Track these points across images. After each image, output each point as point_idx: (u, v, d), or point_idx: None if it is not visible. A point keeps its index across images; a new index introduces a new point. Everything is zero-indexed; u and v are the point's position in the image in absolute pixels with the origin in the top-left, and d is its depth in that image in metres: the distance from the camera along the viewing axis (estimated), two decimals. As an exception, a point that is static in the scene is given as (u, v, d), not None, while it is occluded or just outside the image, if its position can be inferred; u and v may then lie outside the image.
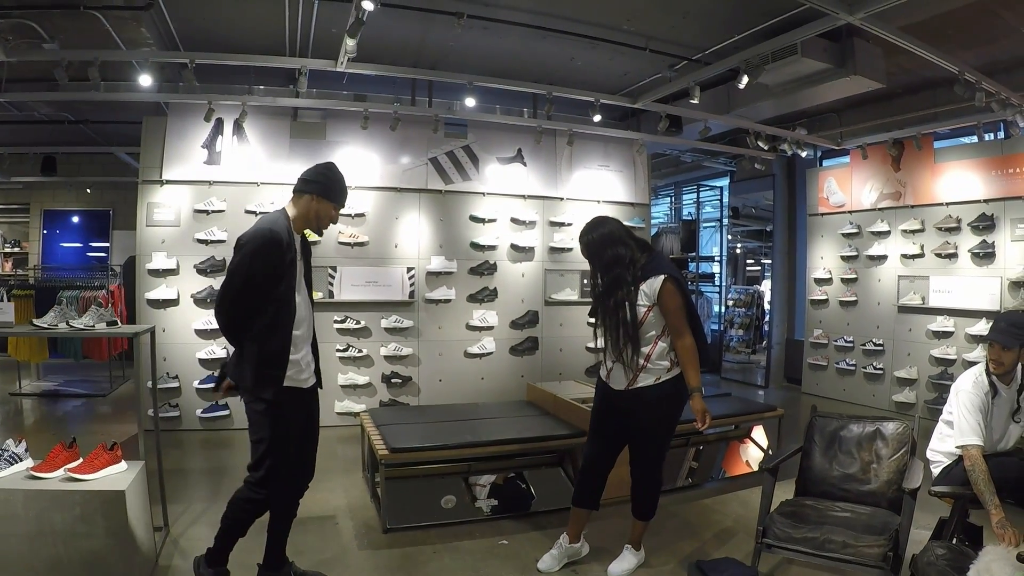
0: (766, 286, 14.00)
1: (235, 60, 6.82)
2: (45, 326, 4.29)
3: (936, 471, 4.29)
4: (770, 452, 6.64)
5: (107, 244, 13.11)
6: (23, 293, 9.33)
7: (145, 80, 6.63)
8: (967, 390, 4.15)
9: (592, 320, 4.39)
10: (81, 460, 3.87)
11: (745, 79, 6.70)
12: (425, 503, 5.18)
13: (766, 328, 13.30)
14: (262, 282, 3.43)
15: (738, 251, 15.24)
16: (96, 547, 3.63)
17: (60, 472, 3.77)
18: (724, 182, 13.48)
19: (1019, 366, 4.23)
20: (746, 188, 12.85)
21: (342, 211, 7.81)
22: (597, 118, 8.05)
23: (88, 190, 12.91)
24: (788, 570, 4.41)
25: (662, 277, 4.02)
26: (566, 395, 6.20)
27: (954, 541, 3.77)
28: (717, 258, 13.61)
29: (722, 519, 5.38)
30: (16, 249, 13.25)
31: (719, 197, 13.58)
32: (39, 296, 9.22)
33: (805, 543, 3.81)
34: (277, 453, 3.57)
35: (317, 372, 3.86)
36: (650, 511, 4.35)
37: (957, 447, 4.05)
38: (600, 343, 4.29)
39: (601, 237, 4.15)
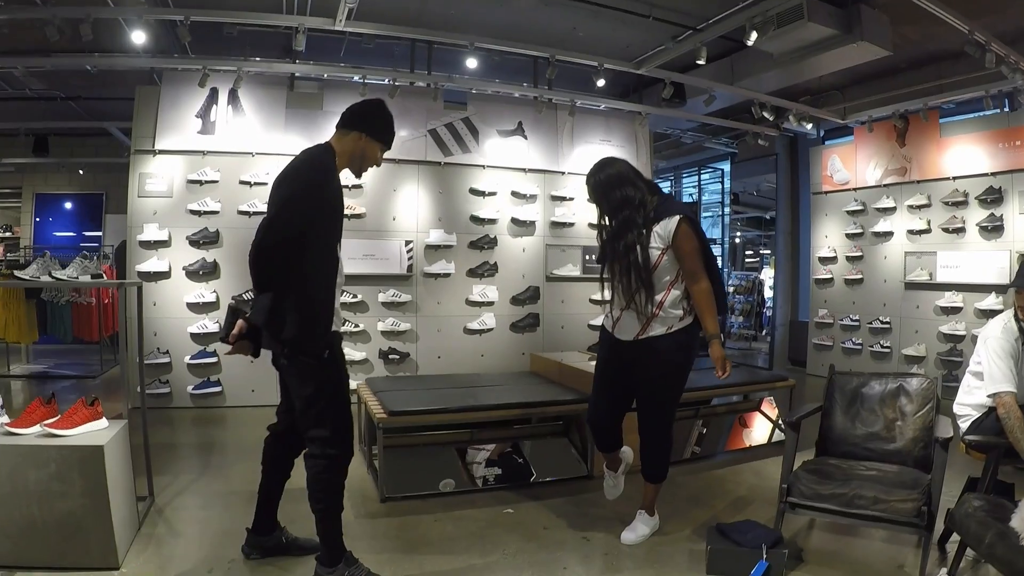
0: (766, 274, 13.92)
1: (230, 17, 6.61)
2: (27, 277, 4.08)
3: (964, 426, 4.10)
4: (781, 424, 6.48)
5: (100, 233, 12.82)
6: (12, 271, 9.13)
7: (138, 37, 6.45)
8: (996, 336, 3.97)
9: (600, 266, 4.15)
10: (59, 417, 3.58)
11: (754, 35, 6.55)
12: (424, 474, 4.94)
13: (767, 314, 13.21)
14: (312, 220, 3.12)
15: (737, 240, 15.11)
16: (73, 508, 3.35)
17: (36, 428, 3.46)
18: (725, 165, 13.32)
19: None
20: (748, 170, 12.71)
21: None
22: (601, 82, 7.89)
23: (81, 171, 12.63)
24: (809, 537, 4.25)
25: (677, 218, 3.78)
26: (572, 362, 6.00)
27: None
28: (718, 241, 13.45)
29: (736, 488, 5.21)
30: (8, 234, 13.00)
31: (720, 180, 13.42)
32: (29, 275, 9.00)
33: (833, 499, 3.63)
34: (338, 403, 3.29)
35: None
36: (660, 472, 4.12)
37: (989, 395, 3.87)
38: (607, 293, 4.07)
39: (609, 177, 3.89)
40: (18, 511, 3.32)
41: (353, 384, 7.38)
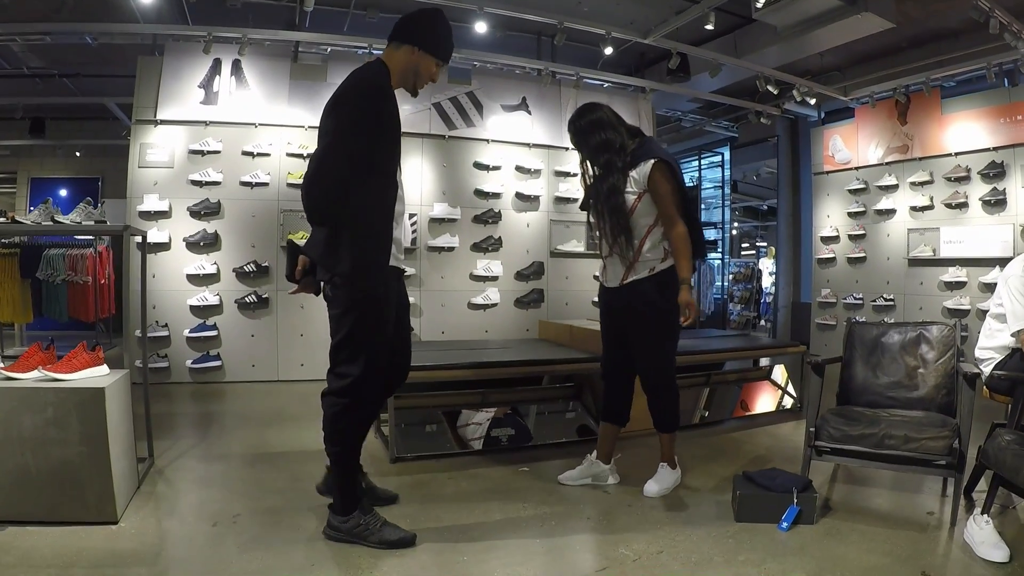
0: (763, 264, 13.90)
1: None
2: (28, 223, 3.97)
3: (987, 369, 4.07)
4: (793, 393, 6.44)
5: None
6: (7, 251, 8.96)
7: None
8: (1018, 275, 3.96)
9: (585, 213, 4.18)
10: (59, 361, 3.42)
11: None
12: (434, 435, 4.88)
13: (766, 301, 13.19)
14: (365, 149, 2.94)
15: (734, 232, 15.08)
16: (69, 456, 3.17)
17: (35, 373, 3.29)
18: (725, 151, 13.29)
19: None
20: (747, 156, 12.70)
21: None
22: (608, 50, 7.85)
23: (78, 153, 12.47)
24: (833, 488, 4.20)
25: (652, 161, 3.77)
26: (581, 324, 5.94)
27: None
28: (719, 225, 13.39)
29: (754, 448, 5.16)
30: (2, 219, 12.75)
31: (720, 165, 13.38)
32: (25, 254, 8.84)
33: (863, 440, 3.58)
34: (377, 344, 3.09)
35: None
36: (669, 420, 4.05)
37: (1013, 333, 3.88)
38: (596, 237, 4.07)
39: (589, 123, 3.87)
40: (11, 460, 3.15)
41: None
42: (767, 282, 13.86)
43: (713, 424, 5.88)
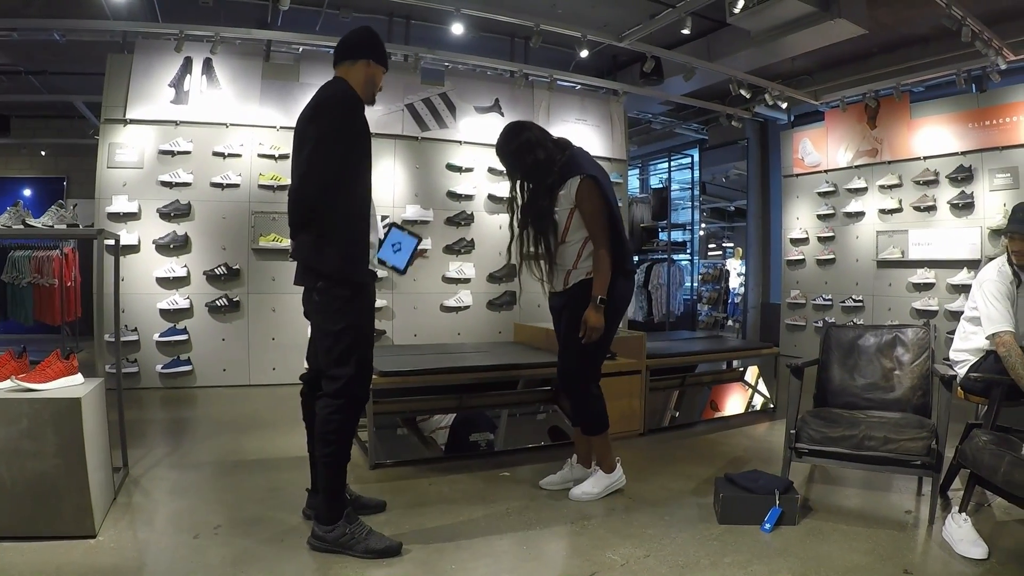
0: (731, 264, 14.00)
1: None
2: (-1, 226, 3.87)
3: (962, 371, 4.13)
4: (767, 395, 6.50)
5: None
6: (-32, 252, 8.76)
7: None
8: (992, 279, 4.03)
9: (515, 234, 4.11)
10: (32, 370, 3.32)
11: (741, 3, 6.55)
12: (412, 441, 4.84)
13: (734, 302, 13.29)
14: (346, 158, 3.07)
15: (702, 233, 15.17)
16: (45, 469, 3.06)
17: (7, 383, 3.21)
18: (695, 152, 13.36)
19: None
20: (717, 158, 12.80)
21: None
22: (584, 53, 7.83)
23: (43, 152, 12.21)
24: (811, 488, 4.24)
25: (578, 178, 3.77)
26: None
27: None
28: (688, 226, 13.47)
29: (731, 450, 5.20)
30: (-31, 224, 12.45)
31: (690, 167, 13.45)
32: (-13, 256, 8.66)
33: (843, 442, 3.64)
34: (366, 343, 3.23)
35: None
36: (591, 423, 3.98)
37: (987, 336, 3.94)
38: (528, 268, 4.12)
39: (520, 147, 3.86)
40: (-17, 474, 3.03)
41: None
42: (735, 282, 13.97)
43: (688, 426, 5.90)
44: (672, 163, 13.37)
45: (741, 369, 6.64)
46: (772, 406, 6.43)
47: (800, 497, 3.72)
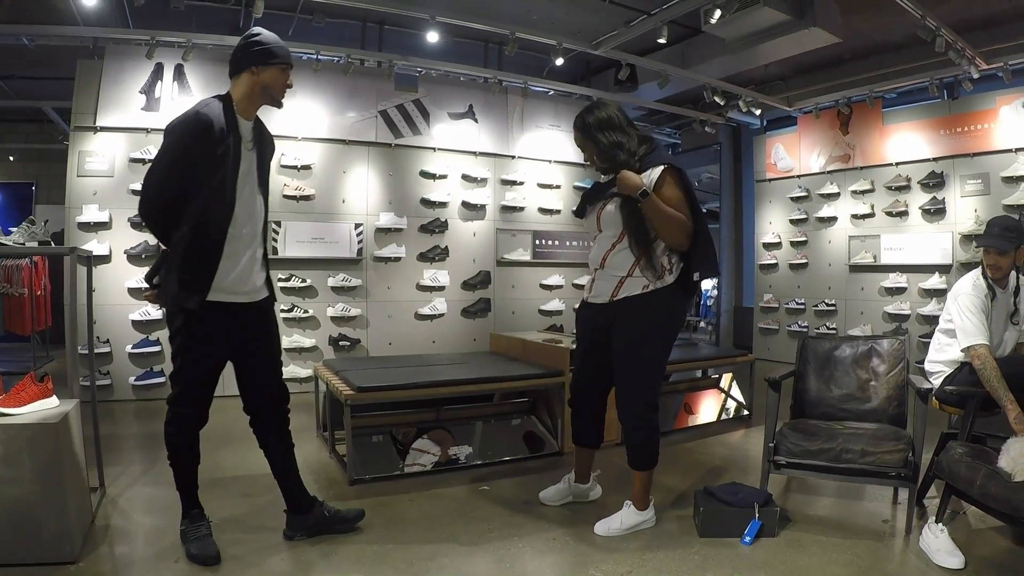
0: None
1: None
2: (-30, 245, 3.79)
3: (937, 382, 4.17)
4: (743, 401, 6.52)
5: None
6: (-68, 262, 8.58)
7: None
8: (967, 292, 4.06)
9: (580, 218, 3.87)
10: (5, 395, 3.23)
11: (717, 13, 6.59)
12: (391, 455, 4.75)
13: (708, 304, 13.35)
14: (189, 170, 3.01)
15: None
16: (22, 495, 2.98)
17: None
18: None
19: (1014, 270, 4.15)
20: (690, 161, 12.79)
21: (287, 162, 7.33)
22: (560, 61, 7.85)
23: (11, 158, 11.97)
24: (788, 498, 4.25)
25: (661, 168, 3.44)
26: (534, 339, 5.90)
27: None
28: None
29: (708, 459, 5.20)
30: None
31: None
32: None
33: (821, 455, 3.65)
34: (188, 374, 3.18)
35: (269, 284, 3.39)
36: (647, 457, 3.67)
37: (963, 349, 3.97)
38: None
39: (599, 121, 3.56)
40: (-43, 502, 2.96)
41: (302, 374, 7.33)
42: (707, 285, 14.03)
43: (664, 435, 5.81)
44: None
45: (716, 376, 6.65)
46: (747, 412, 6.45)
47: (779, 509, 3.71)
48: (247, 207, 3.19)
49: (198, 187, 3.03)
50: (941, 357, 4.21)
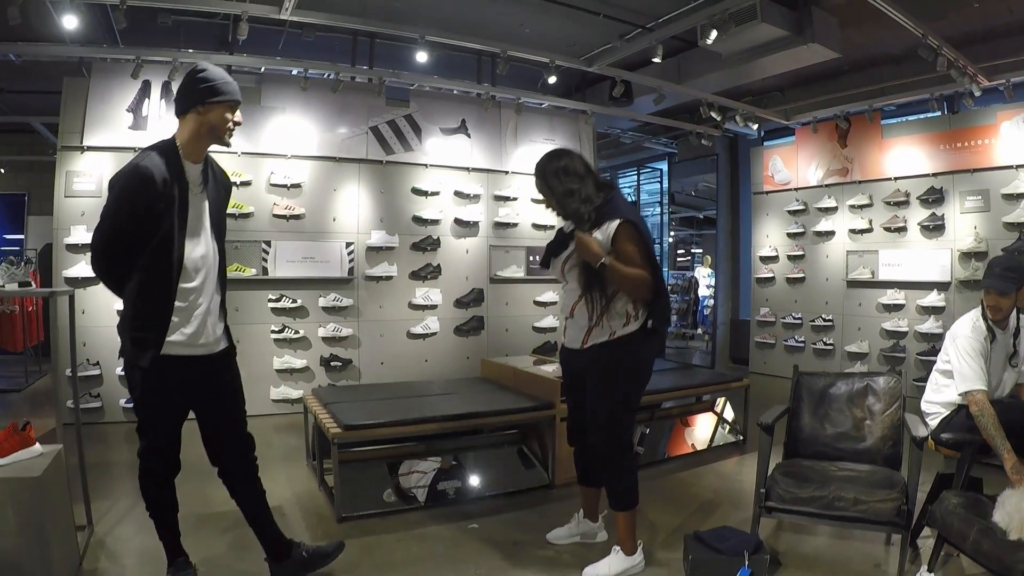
0: (700, 273, 14.00)
1: (170, 3, 6.19)
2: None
3: (934, 423, 4.08)
4: (738, 425, 6.43)
5: (22, 236, 11.97)
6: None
7: (69, 22, 6.01)
8: (966, 335, 3.95)
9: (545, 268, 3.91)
10: None
11: (714, 34, 6.48)
12: (379, 490, 4.67)
13: (705, 313, 13.28)
14: (134, 227, 2.89)
15: (671, 239, 15.16)
16: (7, 547, 2.93)
17: None
18: (663, 165, 13.33)
19: (1015, 311, 4.05)
20: (687, 170, 12.76)
21: (276, 181, 7.24)
22: (552, 79, 7.71)
23: (2, 170, 11.86)
24: (780, 538, 4.17)
25: (617, 221, 3.45)
26: (526, 367, 5.79)
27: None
28: (657, 242, 13.44)
29: (701, 492, 5.11)
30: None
31: (659, 179, 13.43)
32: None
33: (813, 502, 3.57)
34: (151, 428, 3.12)
35: (228, 334, 3.30)
36: (624, 498, 3.62)
37: (960, 394, 3.87)
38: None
39: (556, 170, 3.62)
40: (-56, 555, 2.90)
41: (294, 395, 7.24)
42: (704, 291, 13.97)
43: (657, 464, 5.76)
44: (641, 176, 13.35)
45: (709, 398, 6.55)
46: (741, 437, 6.36)
47: (769, 555, 3.63)
48: (198, 257, 3.08)
49: (145, 241, 2.92)
50: (938, 398, 4.12)
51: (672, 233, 14.97)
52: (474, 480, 4.95)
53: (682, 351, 13.19)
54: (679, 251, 18.20)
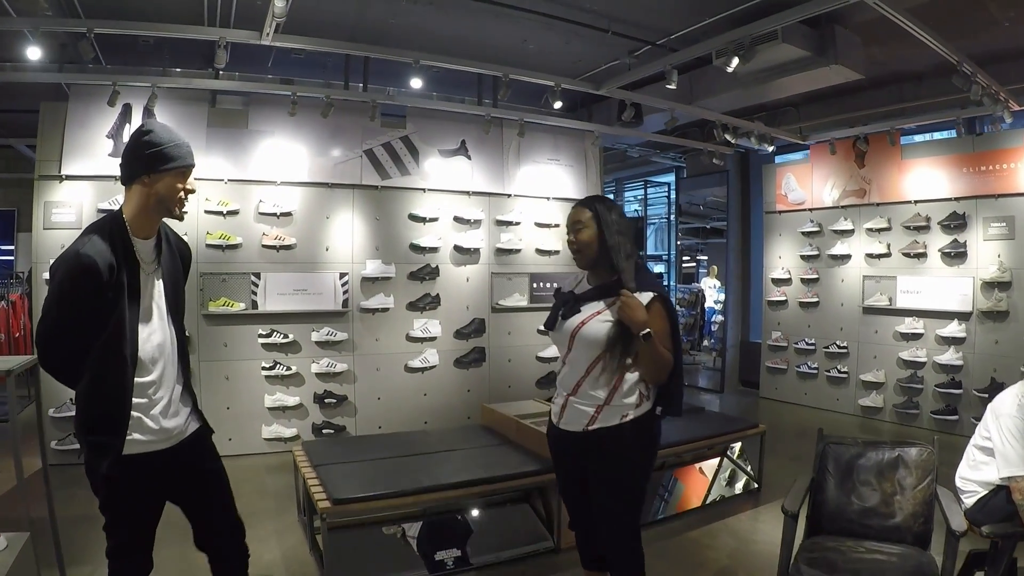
0: (706, 284, 13.63)
1: (142, 30, 5.85)
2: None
3: (969, 501, 3.74)
4: (752, 472, 6.08)
5: (12, 248, 11.80)
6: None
7: (34, 53, 5.70)
8: (1011, 415, 3.60)
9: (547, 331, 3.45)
10: None
11: (735, 61, 6.13)
12: (373, 557, 4.34)
13: (713, 328, 12.91)
14: (79, 320, 2.57)
15: (678, 245, 14.84)
16: None
17: None
18: (670, 178, 12.98)
19: None
20: (695, 184, 12.40)
21: (266, 210, 6.91)
22: (558, 104, 7.32)
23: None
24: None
25: (650, 295, 3.11)
26: (528, 419, 5.44)
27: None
28: (665, 257, 13.10)
29: (716, 555, 4.79)
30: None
31: (667, 194, 13.08)
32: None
33: (841, 600, 3.21)
34: (119, 529, 2.75)
35: (197, 413, 2.95)
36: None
37: (1003, 478, 3.53)
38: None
39: (615, 220, 3.23)
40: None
41: (286, 434, 6.94)
42: (710, 302, 13.60)
43: (663, 521, 5.39)
44: (648, 190, 13.03)
45: (724, 444, 6.18)
46: (756, 486, 6.02)
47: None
48: (155, 346, 2.74)
49: (94, 334, 2.58)
50: (976, 476, 3.77)
51: (679, 243, 14.63)
52: (475, 545, 4.61)
53: (689, 367, 12.84)
54: (684, 258, 17.89)
